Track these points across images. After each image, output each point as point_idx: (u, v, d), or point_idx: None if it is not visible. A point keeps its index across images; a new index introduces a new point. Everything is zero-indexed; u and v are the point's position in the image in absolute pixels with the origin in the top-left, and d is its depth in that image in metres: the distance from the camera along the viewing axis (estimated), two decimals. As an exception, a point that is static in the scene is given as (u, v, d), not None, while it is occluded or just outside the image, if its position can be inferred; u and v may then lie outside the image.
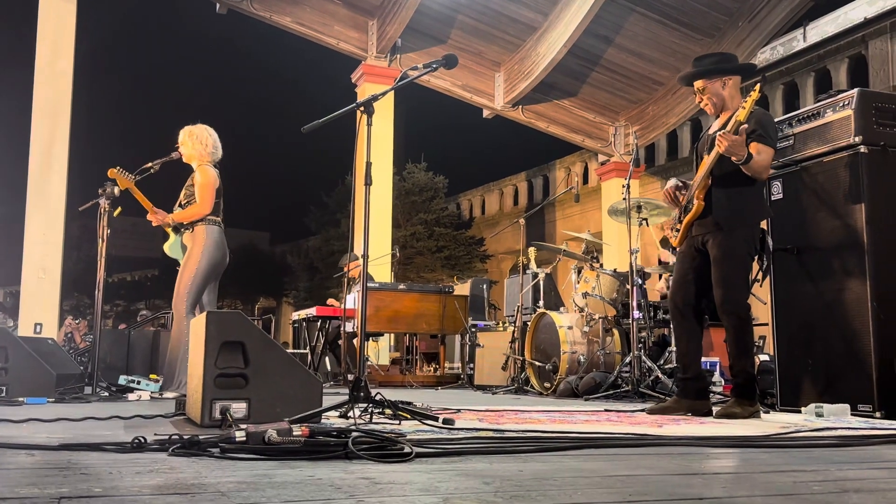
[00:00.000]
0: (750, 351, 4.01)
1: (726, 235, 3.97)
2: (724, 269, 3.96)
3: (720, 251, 3.97)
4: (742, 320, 3.96)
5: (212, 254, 5.21)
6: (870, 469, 2.10)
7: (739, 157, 3.79)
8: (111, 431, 2.80)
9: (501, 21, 12.02)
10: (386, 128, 11.60)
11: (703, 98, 4.16)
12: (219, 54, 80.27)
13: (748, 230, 4.01)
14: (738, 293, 3.97)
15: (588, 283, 6.70)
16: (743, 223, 3.99)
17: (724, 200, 3.98)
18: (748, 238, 4.01)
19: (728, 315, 3.97)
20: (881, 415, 3.82)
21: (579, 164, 21.30)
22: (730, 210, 3.98)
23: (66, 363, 5.69)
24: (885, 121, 4.16)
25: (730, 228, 3.97)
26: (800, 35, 16.02)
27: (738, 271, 3.97)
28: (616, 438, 2.69)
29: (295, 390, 3.00)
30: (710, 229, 4.03)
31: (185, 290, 5.11)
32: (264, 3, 11.44)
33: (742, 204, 3.99)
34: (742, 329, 3.96)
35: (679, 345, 4.30)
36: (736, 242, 3.97)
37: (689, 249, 4.17)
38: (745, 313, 3.99)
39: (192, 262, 5.15)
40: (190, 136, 5.35)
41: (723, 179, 3.98)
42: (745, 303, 4.01)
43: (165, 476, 1.72)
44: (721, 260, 3.97)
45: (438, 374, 9.32)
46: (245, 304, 35.75)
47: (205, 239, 5.21)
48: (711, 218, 4.01)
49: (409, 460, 2.02)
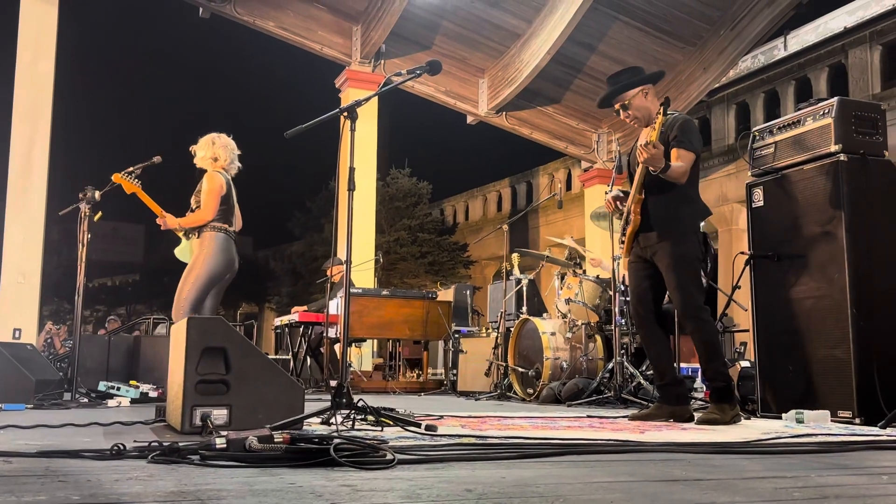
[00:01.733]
0: (719, 352, 4.07)
1: (671, 244, 4.04)
2: (677, 276, 4.02)
3: (669, 259, 4.03)
4: (704, 321, 4.03)
5: (214, 261, 5.16)
6: (850, 475, 2.11)
7: (657, 168, 3.88)
8: (90, 438, 2.78)
9: (486, 28, 12.05)
10: (370, 133, 11.59)
11: (630, 114, 4.21)
12: (201, 58, 79.86)
13: (690, 235, 4.09)
14: (695, 297, 4.02)
15: (571, 289, 6.71)
16: (683, 229, 4.07)
17: (660, 211, 4.07)
18: (692, 243, 4.09)
19: (689, 319, 4.03)
20: (861, 421, 3.85)
21: (562, 170, 21.36)
22: (668, 219, 4.06)
23: (45, 369, 5.63)
24: (864, 129, 4.21)
25: (672, 237, 4.04)
26: (781, 44, 16.18)
27: (689, 276, 4.04)
28: (598, 445, 2.69)
29: (277, 397, 2.99)
30: (654, 241, 4.10)
31: (185, 295, 5.08)
32: (248, 8, 11.41)
33: (678, 211, 4.07)
34: (706, 331, 4.02)
35: (649, 352, 4.36)
36: (682, 249, 4.04)
37: (639, 260, 4.23)
38: (704, 315, 4.06)
39: (194, 269, 5.12)
40: (205, 143, 5.35)
41: (654, 190, 4.06)
42: (703, 306, 4.07)
43: (145, 484, 1.70)
44: (672, 267, 4.02)
45: (421, 380, 9.31)
46: (227, 310, 35.53)
47: (208, 246, 5.17)
48: (654, 230, 4.08)
49: (391, 467, 2.01)
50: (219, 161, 5.32)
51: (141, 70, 79.30)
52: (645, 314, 4.22)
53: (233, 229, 5.32)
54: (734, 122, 16.40)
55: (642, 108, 4.17)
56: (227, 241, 5.25)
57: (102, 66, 73.25)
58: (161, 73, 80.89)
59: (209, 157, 5.31)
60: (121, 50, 77.22)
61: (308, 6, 11.75)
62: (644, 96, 4.17)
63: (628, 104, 4.19)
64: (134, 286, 38.68)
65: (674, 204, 4.05)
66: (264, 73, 77.43)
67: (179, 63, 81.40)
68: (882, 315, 4.03)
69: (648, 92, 4.19)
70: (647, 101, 4.17)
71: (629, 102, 4.19)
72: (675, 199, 4.05)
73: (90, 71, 60.57)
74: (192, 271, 5.10)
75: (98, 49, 67.29)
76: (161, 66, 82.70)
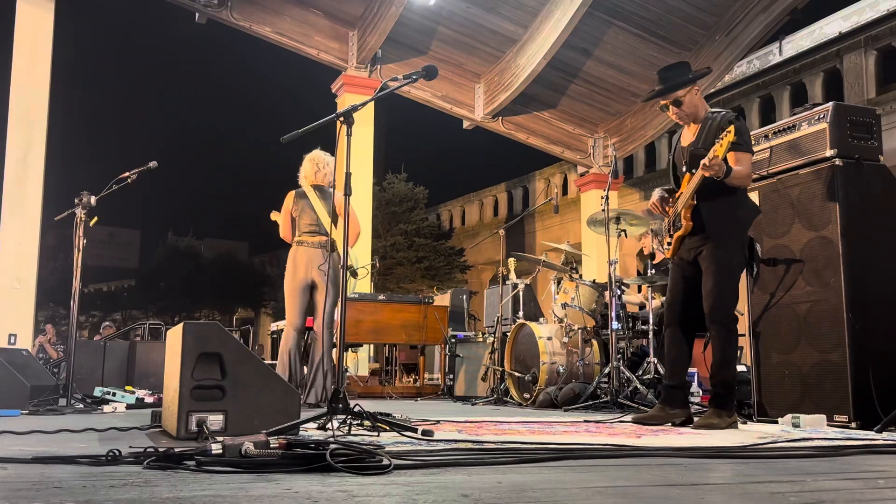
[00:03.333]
0: (732, 362, 4.04)
1: (719, 247, 4.01)
2: (716, 280, 3.99)
3: (714, 263, 4.00)
4: (729, 331, 3.99)
5: (287, 274, 5.74)
6: (846, 479, 2.12)
7: (720, 174, 3.84)
8: (85, 444, 2.77)
9: (482, 33, 12.06)
10: (366, 138, 11.58)
11: (679, 111, 4.18)
12: (198, 64, 79.83)
13: (739, 242, 4.06)
14: (728, 304, 3.99)
15: (567, 293, 6.72)
16: (734, 235, 4.04)
17: (713, 216, 4.02)
18: (739, 250, 4.06)
19: (716, 325, 4.00)
20: (857, 425, 3.85)
21: (559, 175, 21.39)
22: (720, 223, 4.02)
23: (40, 374, 5.61)
24: (859, 134, 4.22)
25: (722, 242, 4.01)
26: (776, 49, 16.22)
27: (729, 282, 4.00)
28: (595, 450, 2.69)
29: (272, 402, 2.98)
30: (703, 242, 4.06)
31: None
32: (244, 13, 11.41)
33: (730, 214, 4.03)
34: (728, 339, 3.99)
35: (669, 352, 4.31)
36: (729, 253, 4.01)
37: (682, 262, 4.21)
38: (733, 324, 4.02)
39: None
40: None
41: (706, 195, 4.02)
42: (734, 314, 4.04)
43: (140, 490, 1.70)
44: (714, 271, 4.00)
45: (418, 385, 9.29)
46: (223, 315, 35.52)
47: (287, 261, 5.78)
48: (704, 233, 4.04)
49: (387, 473, 2.01)
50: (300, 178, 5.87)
51: (137, 75, 79.33)
52: (674, 314, 4.22)
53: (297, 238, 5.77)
54: (730, 127, 16.40)
55: (692, 105, 4.14)
56: (295, 253, 5.74)
57: (99, 71, 73.24)
58: (157, 79, 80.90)
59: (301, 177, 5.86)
60: (117, 55, 77.24)
61: (305, 12, 11.76)
62: (695, 94, 4.16)
63: (680, 100, 4.16)
64: (130, 291, 38.62)
65: (728, 208, 4.01)
66: (260, 79, 77.55)
67: (176, 68, 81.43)
68: (878, 319, 4.04)
69: (698, 91, 4.18)
70: (696, 98, 4.15)
71: (682, 100, 4.16)
72: (729, 202, 4.00)
73: (86, 76, 60.61)
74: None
75: (94, 54, 67.29)
76: (157, 72, 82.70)
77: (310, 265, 5.62)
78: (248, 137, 79.79)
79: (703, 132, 4.11)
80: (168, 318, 31.87)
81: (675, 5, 11.23)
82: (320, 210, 5.61)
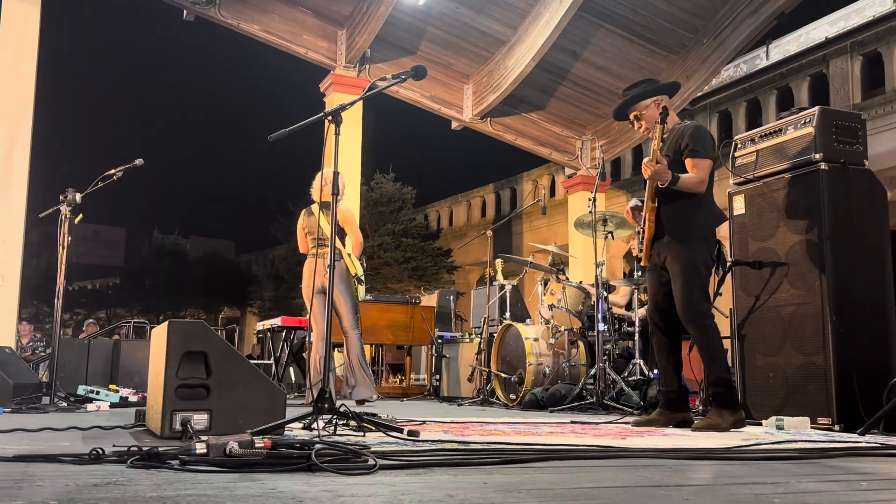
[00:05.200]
0: (720, 357, 4.04)
1: (681, 249, 4.08)
2: (682, 280, 4.05)
3: (677, 264, 4.08)
4: (704, 327, 4.03)
5: (303, 286, 6.23)
6: (829, 481, 2.13)
7: (664, 182, 3.96)
8: (69, 442, 2.75)
9: (471, 34, 12.06)
10: (354, 137, 11.56)
11: (642, 124, 4.27)
12: (185, 62, 79.52)
13: (701, 241, 4.11)
14: (696, 302, 4.04)
15: (554, 295, 6.73)
16: (694, 235, 4.10)
17: (671, 218, 4.11)
18: (702, 249, 4.11)
19: (690, 324, 4.05)
20: (840, 428, 3.88)
21: (546, 176, 21.43)
22: (679, 225, 4.10)
23: (23, 372, 5.57)
24: (844, 138, 4.26)
25: (683, 241, 4.07)
26: (763, 53, 16.32)
27: (695, 281, 4.05)
28: (580, 451, 2.70)
29: (258, 401, 2.97)
30: (665, 245, 4.14)
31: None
32: (232, 11, 11.36)
33: (689, 217, 4.11)
34: (706, 335, 4.02)
35: (659, 359, 4.35)
36: (690, 254, 4.07)
37: (655, 268, 4.27)
38: (707, 320, 4.06)
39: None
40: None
41: (667, 198, 4.11)
42: (705, 311, 4.08)
43: (123, 489, 1.69)
44: (678, 272, 4.07)
45: (404, 385, 9.29)
46: (209, 314, 35.35)
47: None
48: (666, 236, 4.11)
49: (372, 473, 2.01)
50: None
51: (124, 72, 78.90)
52: (659, 321, 4.26)
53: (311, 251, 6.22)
54: (716, 131, 16.52)
55: (654, 119, 4.17)
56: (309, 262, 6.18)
57: (85, 67, 72.77)
58: (145, 76, 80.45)
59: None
60: (104, 51, 76.77)
61: (293, 10, 11.72)
62: (657, 107, 4.19)
63: (640, 115, 4.23)
64: (114, 289, 38.35)
65: (687, 210, 4.08)
66: (249, 77, 77.27)
67: (163, 66, 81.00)
68: (861, 322, 4.07)
69: (661, 102, 4.21)
70: (659, 111, 4.18)
71: (641, 114, 4.24)
72: (687, 205, 4.08)
73: (73, 73, 60.20)
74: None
75: (81, 50, 66.81)
76: (145, 69, 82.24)
77: (320, 274, 6.09)
78: (235, 135, 79.55)
79: (668, 141, 4.21)
80: (153, 316, 31.70)
81: (663, 9, 11.27)
82: (325, 226, 6.11)
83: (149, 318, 28.73)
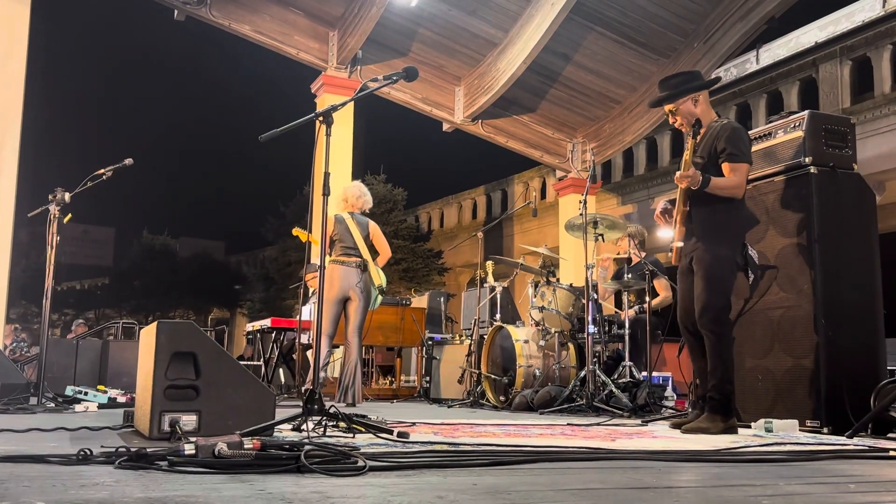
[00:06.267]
0: (726, 366, 3.99)
1: (707, 251, 4.03)
2: (703, 285, 4.02)
3: (702, 268, 4.04)
4: (718, 335, 3.98)
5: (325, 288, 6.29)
6: (817, 484, 2.14)
7: (696, 187, 3.92)
8: (56, 443, 2.73)
9: (462, 36, 12.07)
10: (345, 138, 11.54)
11: (677, 119, 4.22)
12: (176, 62, 79.28)
13: (729, 246, 4.07)
14: (712, 309, 3.99)
15: (544, 297, 6.73)
16: (722, 239, 4.06)
17: (703, 220, 4.07)
18: (729, 253, 4.06)
19: (704, 329, 4.01)
20: (828, 430, 3.90)
21: (537, 179, 21.44)
22: (709, 227, 4.06)
23: (10, 372, 5.53)
24: (834, 142, 4.28)
25: (711, 244, 4.04)
26: (753, 57, 16.39)
27: (715, 287, 4.00)
28: (570, 452, 2.70)
29: (247, 403, 2.96)
30: (694, 248, 4.10)
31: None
32: (223, 11, 11.33)
33: (719, 221, 4.06)
34: (718, 343, 3.98)
35: (694, 363, 4.30)
36: (716, 258, 4.03)
37: (685, 269, 4.23)
38: (722, 328, 4.01)
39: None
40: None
41: (699, 202, 4.07)
42: (724, 318, 4.04)
43: (111, 489, 1.68)
44: (701, 276, 4.03)
45: (394, 386, 9.28)
46: (198, 315, 35.23)
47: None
48: (695, 238, 4.09)
49: (362, 474, 2.00)
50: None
51: (115, 72, 78.57)
52: (687, 324, 4.21)
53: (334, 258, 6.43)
54: (707, 134, 16.54)
55: (691, 114, 4.15)
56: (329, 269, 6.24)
57: (75, 67, 72.46)
58: (135, 76, 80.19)
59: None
60: (94, 51, 76.45)
61: (285, 11, 11.70)
62: (693, 104, 4.17)
63: (675, 110, 4.20)
64: (103, 290, 38.16)
65: (718, 212, 4.05)
66: (239, 78, 77.12)
67: (154, 66, 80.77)
68: (850, 326, 4.09)
69: (698, 99, 4.18)
70: (695, 108, 4.16)
71: (676, 109, 4.20)
72: (719, 207, 4.04)
73: (63, 72, 59.93)
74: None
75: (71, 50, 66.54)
76: (135, 69, 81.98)
77: (345, 282, 6.32)
78: (225, 136, 79.30)
79: (702, 141, 4.15)
80: (142, 317, 31.56)
81: (654, 12, 11.31)
82: (357, 236, 6.46)
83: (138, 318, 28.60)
